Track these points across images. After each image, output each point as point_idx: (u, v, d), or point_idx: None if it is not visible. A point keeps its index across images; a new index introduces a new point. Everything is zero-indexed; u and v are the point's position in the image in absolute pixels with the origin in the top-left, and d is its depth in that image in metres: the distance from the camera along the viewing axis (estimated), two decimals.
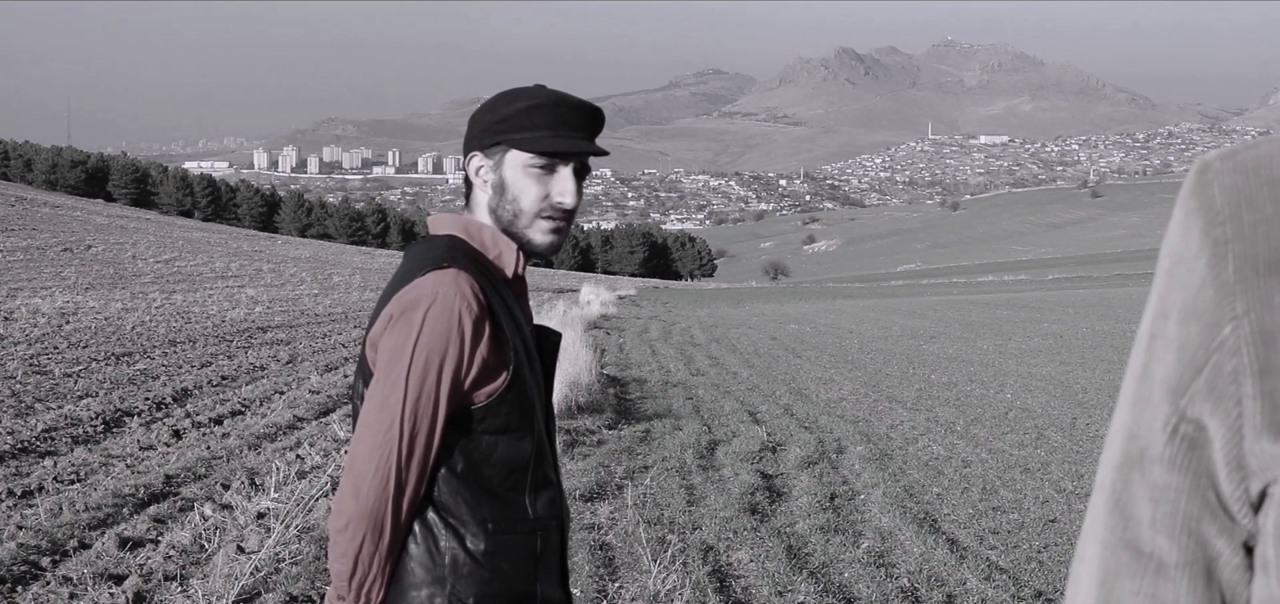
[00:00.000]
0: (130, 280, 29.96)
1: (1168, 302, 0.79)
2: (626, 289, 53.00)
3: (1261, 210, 0.75)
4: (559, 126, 1.93)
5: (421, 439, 1.88)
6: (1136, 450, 0.80)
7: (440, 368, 1.86)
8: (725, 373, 15.83)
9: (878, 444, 9.78)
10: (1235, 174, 0.77)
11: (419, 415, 1.87)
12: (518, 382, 1.93)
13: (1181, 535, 0.78)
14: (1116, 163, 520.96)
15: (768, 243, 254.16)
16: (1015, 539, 6.65)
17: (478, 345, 1.87)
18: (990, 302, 35.04)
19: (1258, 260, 0.74)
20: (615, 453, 9.01)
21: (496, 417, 1.92)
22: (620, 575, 5.72)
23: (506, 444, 1.94)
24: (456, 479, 1.93)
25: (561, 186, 1.95)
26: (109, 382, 11.96)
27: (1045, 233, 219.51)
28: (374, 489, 1.89)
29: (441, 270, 1.89)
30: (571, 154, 1.95)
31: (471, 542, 1.92)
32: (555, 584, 2.04)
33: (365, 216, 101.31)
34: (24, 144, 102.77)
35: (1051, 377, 14.64)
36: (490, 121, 1.97)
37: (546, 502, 2.00)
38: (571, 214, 1.97)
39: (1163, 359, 0.79)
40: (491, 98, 2.01)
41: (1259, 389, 0.74)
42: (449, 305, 1.85)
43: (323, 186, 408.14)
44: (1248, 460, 0.75)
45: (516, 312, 1.99)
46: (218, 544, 5.94)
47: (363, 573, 1.91)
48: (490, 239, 1.99)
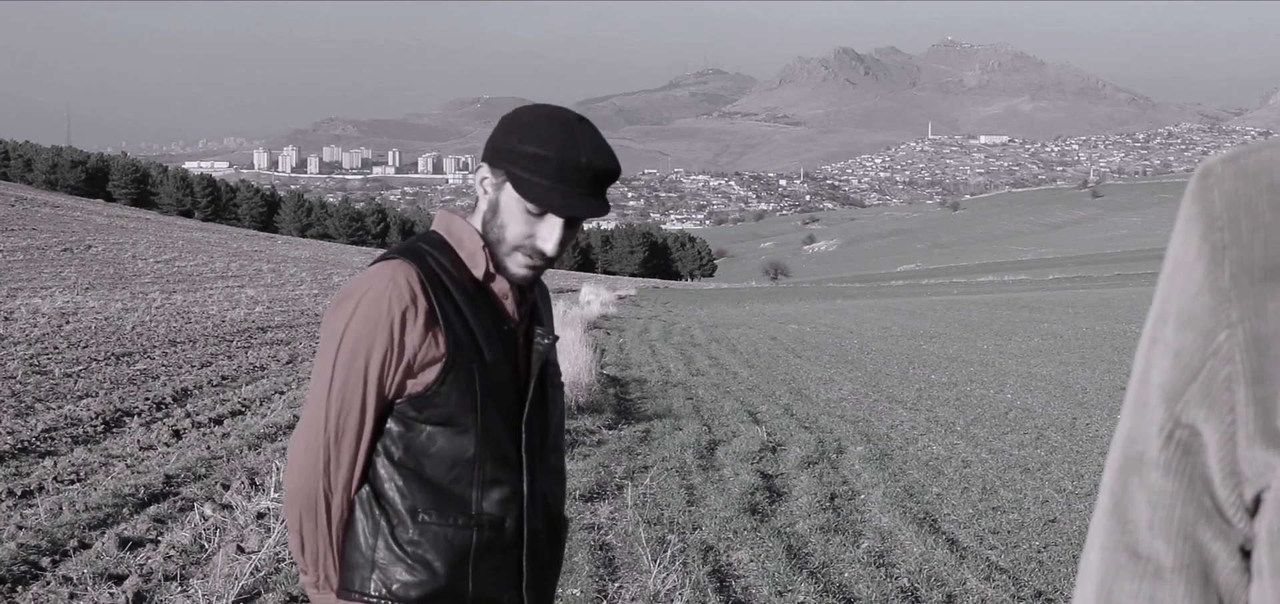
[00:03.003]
0: (130, 280, 29.96)
1: (1167, 306, 0.79)
2: (626, 289, 52.99)
3: (1259, 217, 0.75)
4: (560, 181, 1.91)
5: (351, 422, 1.95)
6: (1135, 454, 0.81)
7: (368, 354, 1.92)
8: (725, 373, 15.83)
9: (878, 444, 9.78)
10: (1236, 179, 0.77)
11: (346, 399, 1.94)
12: (456, 375, 1.95)
13: (1177, 540, 0.79)
14: (1116, 163, 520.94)
15: (768, 243, 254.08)
16: (1015, 539, 6.65)
17: (406, 335, 1.92)
18: (990, 301, 35.04)
19: (1254, 267, 0.74)
20: (615, 453, 9.01)
21: (434, 408, 1.96)
22: (620, 575, 5.72)
23: (447, 437, 1.97)
24: (393, 466, 1.99)
25: (546, 233, 1.96)
26: (109, 382, 11.96)
27: (1045, 233, 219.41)
28: (304, 468, 1.98)
29: (385, 262, 1.97)
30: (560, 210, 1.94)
31: (399, 529, 1.98)
32: (506, 587, 2.04)
33: (365, 216, 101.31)
34: (24, 144, 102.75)
35: (1051, 377, 14.64)
36: (503, 145, 1.96)
37: (498, 501, 2.01)
38: (551, 259, 1.97)
39: (1160, 364, 0.79)
40: (520, 111, 2.00)
41: (1252, 396, 0.74)
42: (380, 295, 1.92)
43: (323, 186, 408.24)
44: (1241, 466, 0.76)
45: (485, 309, 2.01)
46: (218, 544, 5.94)
47: (311, 548, 2.01)
48: (468, 239, 2.02)
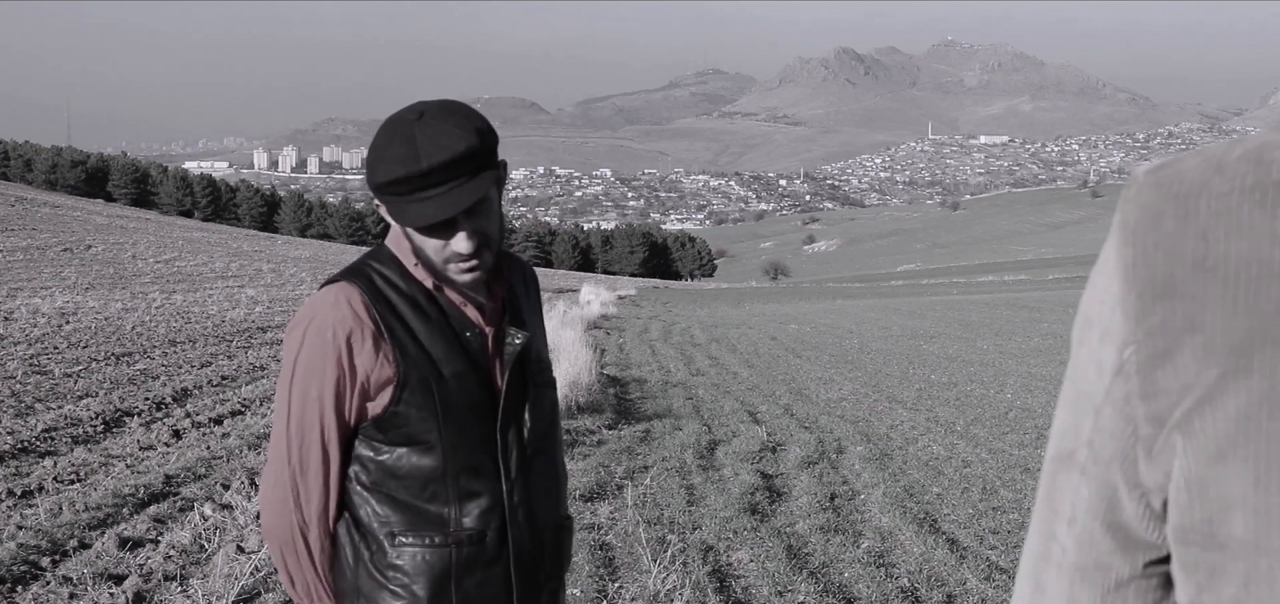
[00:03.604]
0: (130, 280, 29.96)
1: (1091, 310, 0.81)
2: (626, 289, 52.98)
3: (1163, 230, 0.75)
4: (424, 190, 1.80)
5: (313, 453, 1.92)
6: (1065, 451, 0.83)
7: (320, 384, 1.89)
8: (725, 373, 15.83)
9: (878, 444, 9.78)
10: (1152, 190, 0.78)
11: (305, 431, 1.91)
12: (412, 392, 1.89)
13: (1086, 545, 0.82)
14: (1116, 163, 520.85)
15: (768, 243, 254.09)
16: (1015, 539, 6.64)
17: (355, 358, 1.88)
18: (990, 302, 35.04)
19: (1154, 283, 0.75)
20: (615, 453, 9.01)
21: (396, 428, 1.91)
22: (620, 575, 5.72)
23: (414, 455, 1.92)
24: (367, 491, 1.95)
25: (454, 240, 1.87)
26: (109, 382, 11.96)
27: (1045, 233, 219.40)
28: (274, 503, 1.95)
29: (329, 286, 1.93)
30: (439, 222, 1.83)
31: (378, 555, 1.94)
32: (495, 600, 1.98)
33: (365, 217, 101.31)
34: (24, 144, 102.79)
35: (1051, 377, 14.64)
36: (369, 181, 1.86)
37: (477, 514, 1.95)
38: (480, 249, 1.87)
39: (1086, 372, 0.81)
40: (373, 139, 1.88)
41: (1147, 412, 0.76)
42: (325, 322, 1.88)
43: (323, 186, 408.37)
44: (1144, 479, 0.78)
45: (441, 319, 1.93)
46: (218, 544, 5.94)
47: (300, 581, 1.98)
48: (416, 248, 1.94)
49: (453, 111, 1.85)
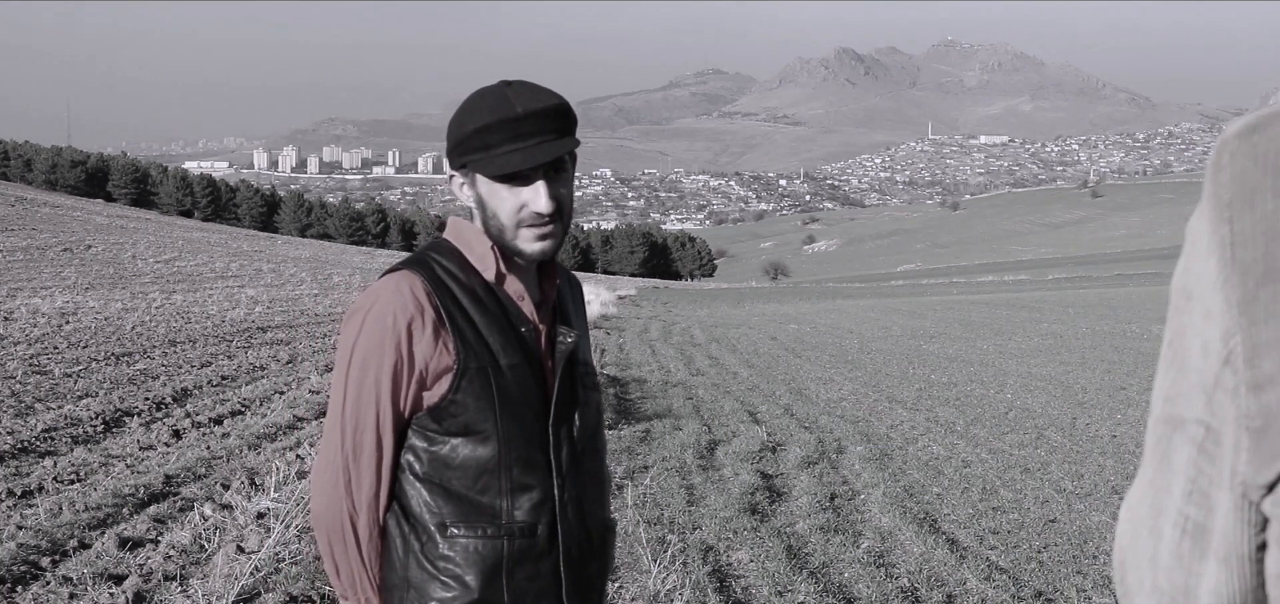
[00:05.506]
0: (130, 280, 29.96)
1: (1190, 284, 0.78)
2: (626, 289, 52.94)
3: (1261, 209, 0.72)
4: (515, 139, 1.86)
5: (367, 440, 1.92)
6: (1175, 414, 0.80)
7: (378, 370, 1.89)
8: (725, 373, 15.83)
9: (878, 444, 9.78)
10: (1246, 159, 0.74)
11: (361, 417, 1.91)
12: (470, 381, 1.90)
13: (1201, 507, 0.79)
14: (1116, 163, 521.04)
15: (768, 243, 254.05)
16: (1015, 539, 6.65)
17: (415, 346, 1.89)
18: (990, 301, 35.05)
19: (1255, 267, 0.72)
20: (615, 453, 9.00)
21: (452, 418, 1.91)
22: (620, 575, 5.71)
23: (469, 446, 1.92)
24: (419, 482, 1.94)
25: (530, 195, 1.89)
26: (109, 382, 11.96)
27: (1045, 233, 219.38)
28: (326, 489, 1.95)
29: (391, 275, 1.94)
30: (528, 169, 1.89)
31: (429, 546, 1.93)
32: (544, 595, 1.98)
33: (365, 217, 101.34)
34: (24, 144, 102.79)
35: (1051, 377, 14.64)
36: (453, 143, 1.93)
37: (529, 507, 1.95)
38: (555, 216, 1.90)
39: (1191, 346, 0.78)
40: (459, 107, 1.95)
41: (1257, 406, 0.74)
42: (386, 308, 1.89)
43: (323, 186, 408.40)
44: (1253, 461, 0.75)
45: (499, 312, 1.95)
46: (218, 544, 5.94)
47: (346, 571, 1.97)
48: (476, 242, 1.98)
49: (537, 83, 1.95)
